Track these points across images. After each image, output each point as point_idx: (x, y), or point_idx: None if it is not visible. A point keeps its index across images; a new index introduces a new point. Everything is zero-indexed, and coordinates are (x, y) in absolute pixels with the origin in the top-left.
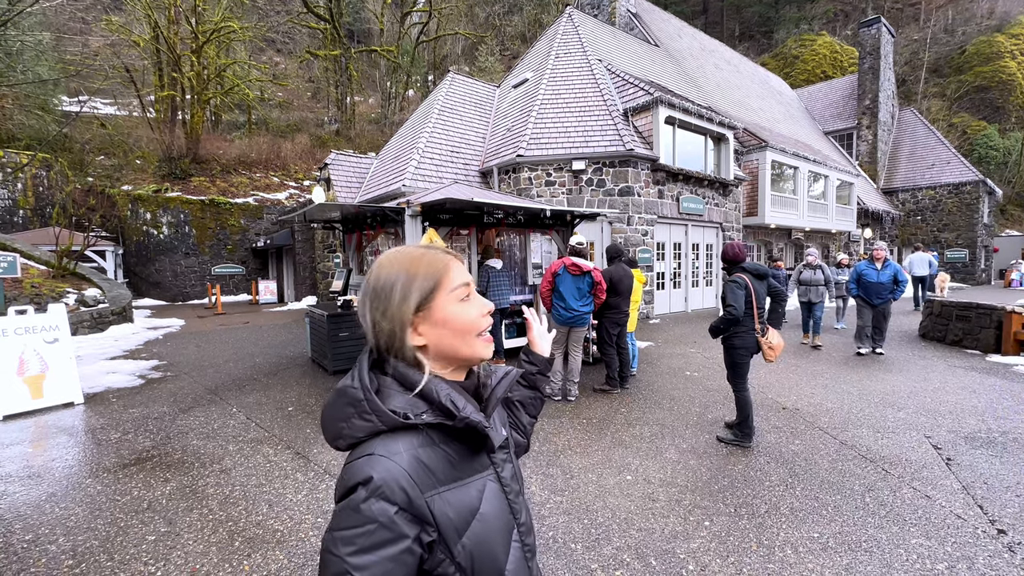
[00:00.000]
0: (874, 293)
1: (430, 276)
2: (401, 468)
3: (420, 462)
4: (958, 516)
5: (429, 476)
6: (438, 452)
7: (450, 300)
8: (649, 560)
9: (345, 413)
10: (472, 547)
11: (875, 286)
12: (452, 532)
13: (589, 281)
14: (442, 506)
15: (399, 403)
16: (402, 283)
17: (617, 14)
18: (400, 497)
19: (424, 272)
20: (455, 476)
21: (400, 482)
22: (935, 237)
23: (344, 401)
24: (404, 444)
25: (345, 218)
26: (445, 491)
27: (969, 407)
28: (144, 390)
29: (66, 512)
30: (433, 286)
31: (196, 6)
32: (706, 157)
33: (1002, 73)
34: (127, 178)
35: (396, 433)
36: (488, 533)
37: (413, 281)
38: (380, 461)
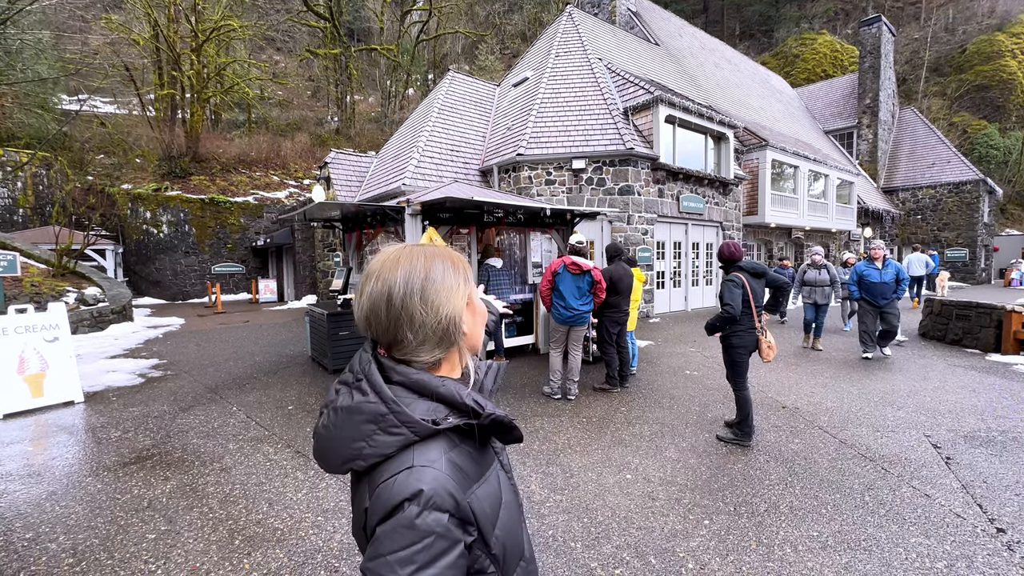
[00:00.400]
0: (878, 294)
1: (470, 269)
2: (445, 475)
3: (455, 465)
4: (957, 515)
5: (464, 477)
6: (463, 452)
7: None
8: (649, 558)
9: (363, 432)
10: (504, 536)
11: (878, 287)
12: (489, 526)
13: (589, 280)
14: (479, 503)
15: (422, 410)
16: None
17: (617, 13)
18: (450, 504)
19: (465, 265)
20: (480, 472)
21: (448, 488)
22: (935, 236)
23: (361, 419)
24: (437, 451)
25: (345, 217)
26: (477, 488)
27: (969, 406)
28: (144, 389)
29: (66, 510)
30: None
31: (196, 5)
32: (706, 156)
33: (1003, 72)
34: (127, 177)
35: (428, 441)
36: (512, 520)
37: (460, 272)
38: (425, 471)
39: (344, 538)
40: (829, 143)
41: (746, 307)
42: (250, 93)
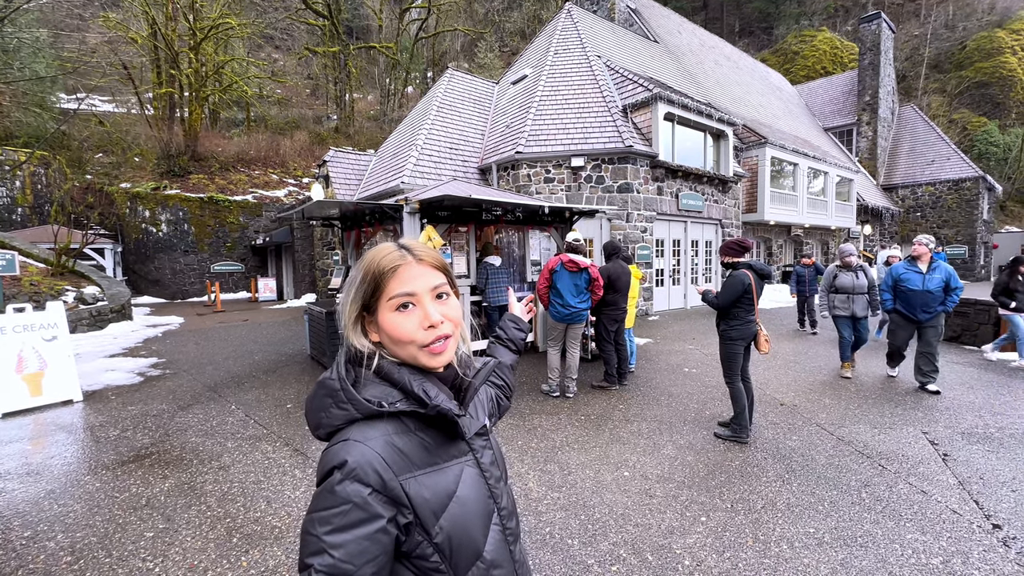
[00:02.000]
0: (919, 306)
1: (371, 280)
2: (375, 452)
3: (394, 447)
4: (954, 511)
5: (404, 460)
6: (413, 439)
7: (387, 308)
8: (645, 555)
9: (324, 403)
10: (450, 529)
11: (920, 296)
12: (429, 514)
13: (586, 278)
14: (418, 489)
15: (375, 392)
16: (354, 284)
17: (616, 10)
18: (374, 479)
19: (364, 276)
20: (431, 461)
21: (373, 465)
22: (935, 233)
23: (323, 392)
24: (378, 431)
25: (344, 215)
26: (421, 475)
27: (966, 403)
28: (143, 387)
29: (65, 509)
30: (373, 291)
31: (194, 3)
32: (705, 153)
33: (1003, 69)
34: (125, 176)
35: (371, 421)
36: (466, 516)
37: (355, 284)
38: (355, 446)
39: None
40: (829, 140)
41: (747, 301)
42: (249, 91)
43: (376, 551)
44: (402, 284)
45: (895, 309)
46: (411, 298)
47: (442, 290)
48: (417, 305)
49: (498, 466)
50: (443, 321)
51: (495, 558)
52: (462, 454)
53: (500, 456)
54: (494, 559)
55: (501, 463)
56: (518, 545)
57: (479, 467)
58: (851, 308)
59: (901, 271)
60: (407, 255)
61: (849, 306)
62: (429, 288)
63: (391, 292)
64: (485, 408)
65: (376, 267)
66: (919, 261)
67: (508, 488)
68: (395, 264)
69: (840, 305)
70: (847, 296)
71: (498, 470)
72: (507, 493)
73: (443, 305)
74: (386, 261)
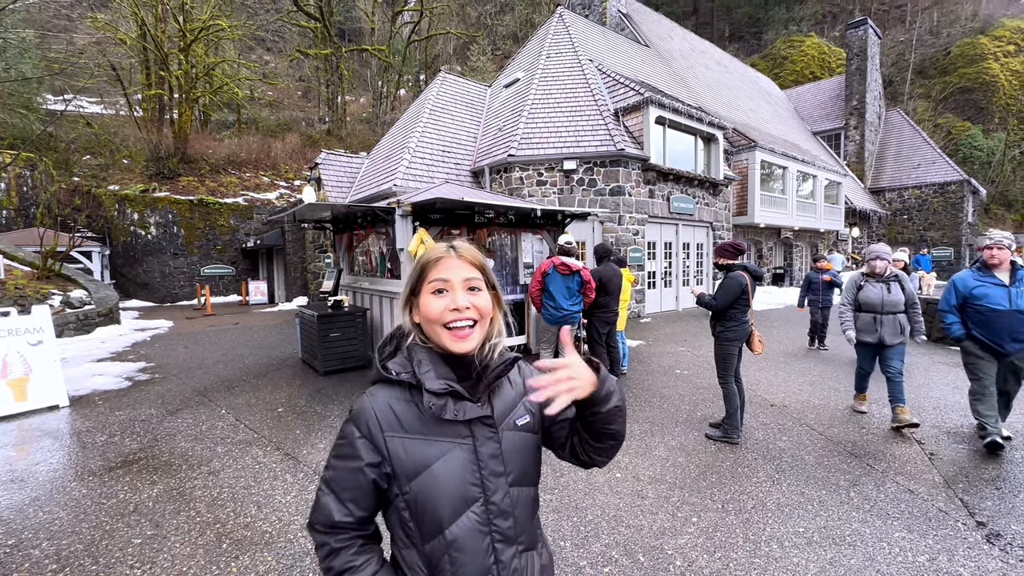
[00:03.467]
0: (1005, 332)
1: (419, 268)
2: (372, 408)
3: (390, 408)
4: (940, 509)
5: (395, 421)
6: (412, 408)
7: (426, 291)
8: (637, 556)
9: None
10: (417, 493)
11: (1007, 318)
12: (402, 473)
13: (578, 280)
14: (396, 448)
15: (396, 362)
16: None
17: (608, 14)
18: (364, 428)
19: (416, 264)
20: (420, 430)
21: (367, 417)
22: (921, 236)
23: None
24: (385, 393)
25: (335, 218)
26: (405, 438)
27: (952, 403)
28: (131, 392)
29: (50, 516)
30: (418, 276)
31: (184, 4)
32: (696, 157)
33: (985, 75)
34: (114, 178)
35: (385, 383)
36: (435, 488)
37: (413, 269)
38: (364, 399)
39: None
40: (817, 144)
41: (744, 302)
42: (239, 93)
43: (354, 483)
44: (440, 272)
45: (969, 335)
46: (445, 284)
47: (475, 284)
48: (449, 291)
49: (503, 463)
50: (469, 307)
51: (460, 541)
52: (458, 436)
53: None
54: (457, 541)
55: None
56: (512, 549)
57: (475, 454)
58: (878, 332)
59: (970, 283)
60: (451, 251)
61: (876, 329)
62: (462, 279)
63: (430, 278)
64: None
65: (424, 257)
66: (997, 269)
67: (519, 492)
68: (439, 256)
69: (864, 328)
70: (874, 317)
71: (501, 466)
72: (510, 495)
73: (474, 296)
74: (433, 253)
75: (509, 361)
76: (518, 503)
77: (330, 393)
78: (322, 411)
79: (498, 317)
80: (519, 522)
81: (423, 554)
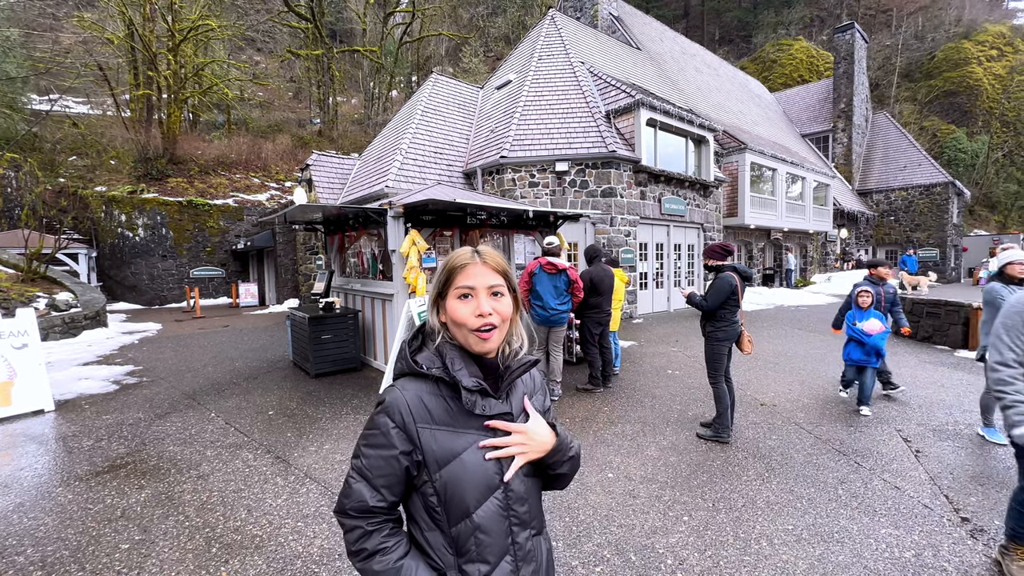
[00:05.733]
0: None
1: (446, 272)
2: (404, 399)
3: (421, 401)
4: (925, 506)
5: (426, 413)
6: (441, 401)
7: (452, 296)
8: (629, 556)
9: (398, 357)
10: (447, 480)
11: None
12: (433, 461)
13: (565, 279)
14: (428, 438)
15: (424, 358)
16: (437, 274)
17: (599, 17)
18: (397, 418)
19: (442, 268)
20: (448, 422)
21: (400, 408)
22: (907, 237)
23: (400, 350)
24: (415, 386)
25: (327, 219)
26: (435, 429)
27: (937, 401)
28: (119, 396)
29: (35, 522)
30: (445, 280)
31: (172, 3)
32: (687, 159)
33: (969, 78)
34: (101, 179)
35: (414, 377)
36: (463, 476)
37: (437, 274)
38: (394, 392)
39: (324, 543)
40: (806, 146)
41: (733, 303)
42: (229, 94)
43: (388, 470)
44: (466, 279)
45: None
46: (470, 291)
47: (498, 289)
48: (474, 297)
49: None
50: (492, 313)
51: (484, 524)
52: (482, 429)
53: None
54: (482, 524)
55: None
56: (526, 532)
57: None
58: None
59: None
60: (476, 257)
61: None
62: (486, 286)
63: (457, 284)
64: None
65: (451, 263)
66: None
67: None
68: (464, 263)
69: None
70: None
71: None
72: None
73: (496, 302)
74: (459, 259)
75: (528, 364)
76: (531, 491)
77: (321, 395)
78: (313, 413)
79: (517, 319)
80: (532, 508)
81: (449, 536)
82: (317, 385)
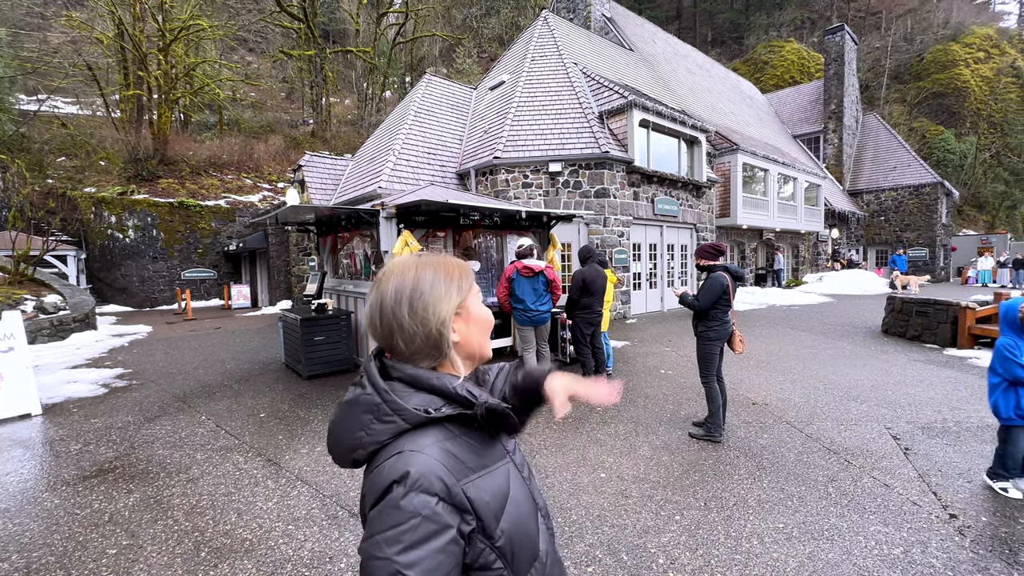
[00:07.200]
0: None
1: (466, 277)
2: (434, 459)
3: (449, 452)
4: (914, 503)
5: (460, 465)
6: (462, 443)
7: (477, 300)
8: (621, 555)
9: (362, 421)
10: (510, 530)
11: None
12: (491, 517)
13: (543, 280)
14: (477, 492)
15: (417, 401)
16: (444, 283)
17: (592, 18)
18: (439, 487)
19: (460, 274)
20: (482, 464)
21: (437, 472)
22: (897, 237)
23: (360, 410)
24: (431, 438)
25: (319, 220)
26: (477, 478)
27: (926, 399)
28: (107, 399)
29: (20, 528)
30: (468, 286)
31: (163, 3)
32: (680, 159)
33: (957, 80)
34: (90, 180)
35: (421, 429)
36: (522, 515)
37: (453, 281)
38: (413, 456)
39: (315, 546)
40: (797, 147)
41: (725, 302)
42: (221, 94)
43: (450, 564)
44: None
45: None
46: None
47: None
48: None
49: (525, 466)
50: None
51: (546, 554)
52: (502, 456)
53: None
54: (547, 557)
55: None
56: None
57: (515, 466)
58: None
59: None
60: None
61: None
62: None
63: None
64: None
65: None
66: None
67: (537, 487)
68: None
69: None
70: None
71: (527, 469)
72: (539, 492)
73: None
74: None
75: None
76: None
77: (314, 397)
78: (305, 416)
79: None
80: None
81: None
82: (309, 387)
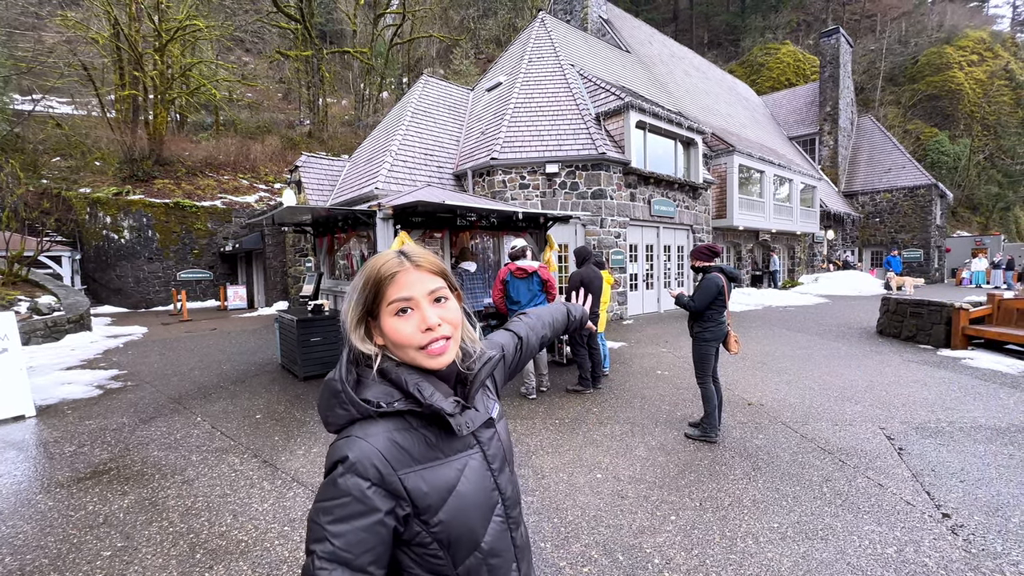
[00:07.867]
0: None
1: (372, 287)
2: (375, 448)
3: (395, 443)
4: (907, 503)
5: (404, 455)
6: (415, 435)
7: (387, 313)
8: (616, 555)
9: (330, 403)
10: (449, 520)
11: None
12: (426, 507)
13: (538, 280)
14: (415, 483)
15: (375, 393)
16: (356, 290)
17: (589, 20)
18: (372, 474)
19: (366, 282)
20: (432, 456)
21: (372, 460)
22: (892, 238)
23: (328, 393)
24: (380, 428)
25: (316, 221)
26: (420, 469)
27: (920, 399)
28: (102, 400)
29: (13, 530)
30: (374, 297)
31: (159, 3)
32: (676, 161)
33: (951, 83)
34: (85, 180)
35: (373, 419)
36: (466, 508)
37: (356, 290)
38: (356, 442)
39: None
40: (793, 149)
41: (720, 303)
42: (217, 95)
43: (373, 542)
44: (400, 289)
45: None
46: (409, 303)
47: (440, 294)
48: (416, 309)
49: (504, 456)
50: (440, 324)
51: (494, 547)
52: (468, 447)
53: (508, 443)
54: (492, 548)
55: (508, 450)
56: (520, 530)
57: (485, 459)
58: None
59: None
60: (405, 261)
61: None
62: (426, 292)
63: (390, 297)
64: (492, 395)
65: (376, 274)
66: None
67: (514, 476)
68: (393, 271)
69: None
70: None
71: (502, 460)
72: (512, 481)
73: (442, 308)
74: (385, 268)
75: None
76: (515, 486)
77: (310, 399)
78: (301, 417)
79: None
80: (519, 504)
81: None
82: (306, 388)
